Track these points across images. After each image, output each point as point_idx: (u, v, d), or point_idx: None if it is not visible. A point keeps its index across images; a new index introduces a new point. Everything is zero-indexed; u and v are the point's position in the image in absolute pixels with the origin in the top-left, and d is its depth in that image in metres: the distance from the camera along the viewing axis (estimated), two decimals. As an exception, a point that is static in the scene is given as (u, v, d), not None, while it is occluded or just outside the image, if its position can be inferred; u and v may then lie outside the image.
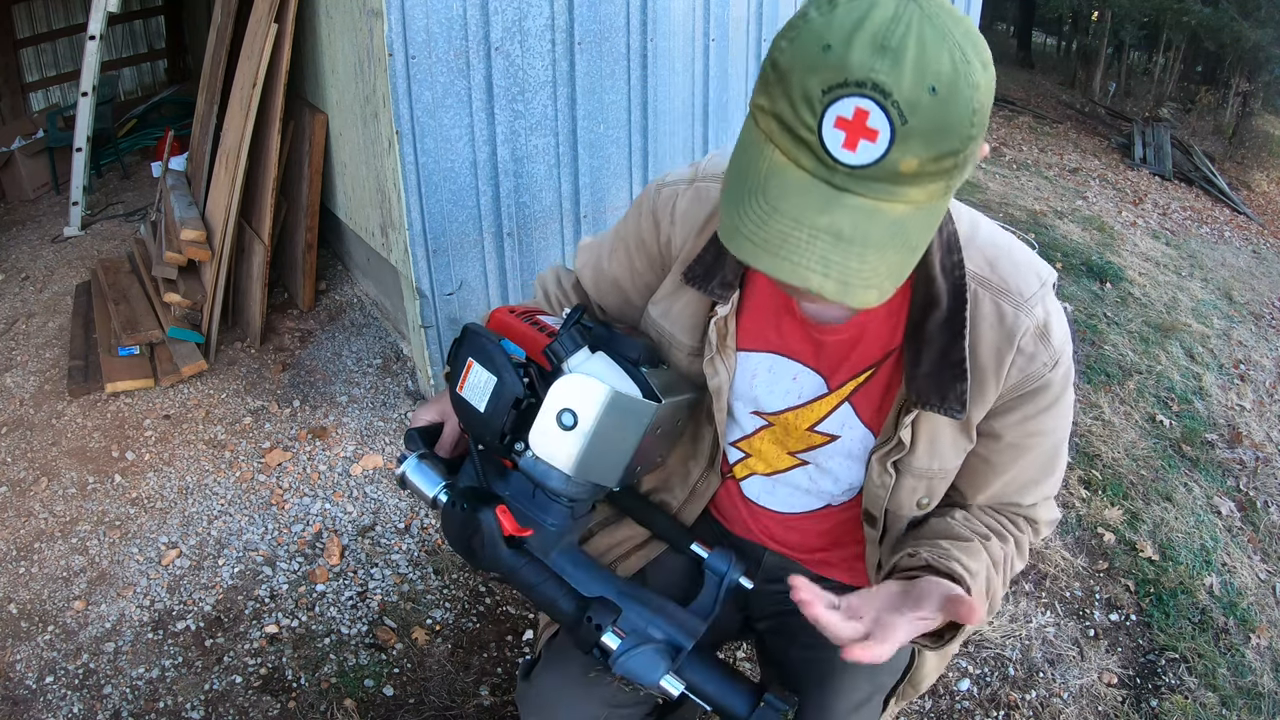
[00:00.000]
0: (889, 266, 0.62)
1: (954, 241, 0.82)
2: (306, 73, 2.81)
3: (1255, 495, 2.75)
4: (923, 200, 0.62)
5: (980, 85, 0.59)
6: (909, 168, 0.59)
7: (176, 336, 2.77)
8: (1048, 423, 0.87)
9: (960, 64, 0.58)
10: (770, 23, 2.74)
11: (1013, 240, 0.87)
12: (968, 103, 0.58)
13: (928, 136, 0.58)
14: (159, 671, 1.77)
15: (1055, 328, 0.83)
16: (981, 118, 0.60)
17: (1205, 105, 12.90)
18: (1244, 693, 1.95)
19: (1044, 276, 0.85)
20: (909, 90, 0.57)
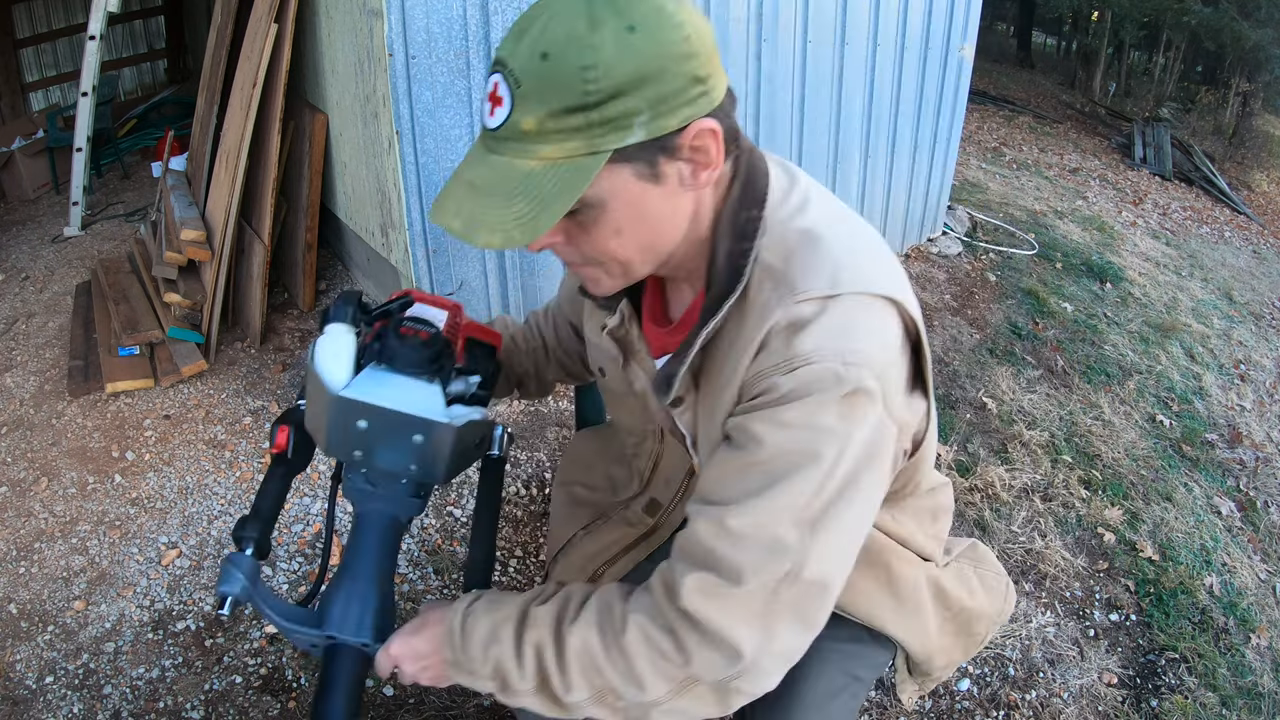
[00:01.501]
0: (515, 215, 0.68)
1: (749, 229, 0.77)
2: (306, 73, 2.81)
3: (1255, 495, 2.76)
4: (559, 157, 0.67)
5: (602, 44, 0.64)
6: (530, 126, 0.67)
7: (176, 336, 2.77)
8: (757, 428, 0.72)
9: (582, 30, 0.64)
10: (770, 22, 2.74)
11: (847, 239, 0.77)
12: (577, 61, 0.64)
13: (540, 96, 0.65)
14: (159, 671, 1.77)
15: (814, 333, 0.70)
16: (605, 73, 0.64)
17: (1205, 105, 12.90)
18: (1244, 693, 1.95)
19: (844, 283, 0.72)
20: (523, 59, 0.66)
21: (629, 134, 0.67)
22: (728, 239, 0.78)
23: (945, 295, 3.63)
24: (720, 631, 0.72)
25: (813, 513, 0.71)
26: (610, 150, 0.67)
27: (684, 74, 0.67)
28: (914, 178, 3.72)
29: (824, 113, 3.11)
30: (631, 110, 0.66)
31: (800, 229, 0.77)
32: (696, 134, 0.70)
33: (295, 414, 0.99)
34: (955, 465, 2.53)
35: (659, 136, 0.68)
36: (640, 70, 0.65)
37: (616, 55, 0.64)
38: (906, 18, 3.24)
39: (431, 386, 0.85)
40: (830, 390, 0.70)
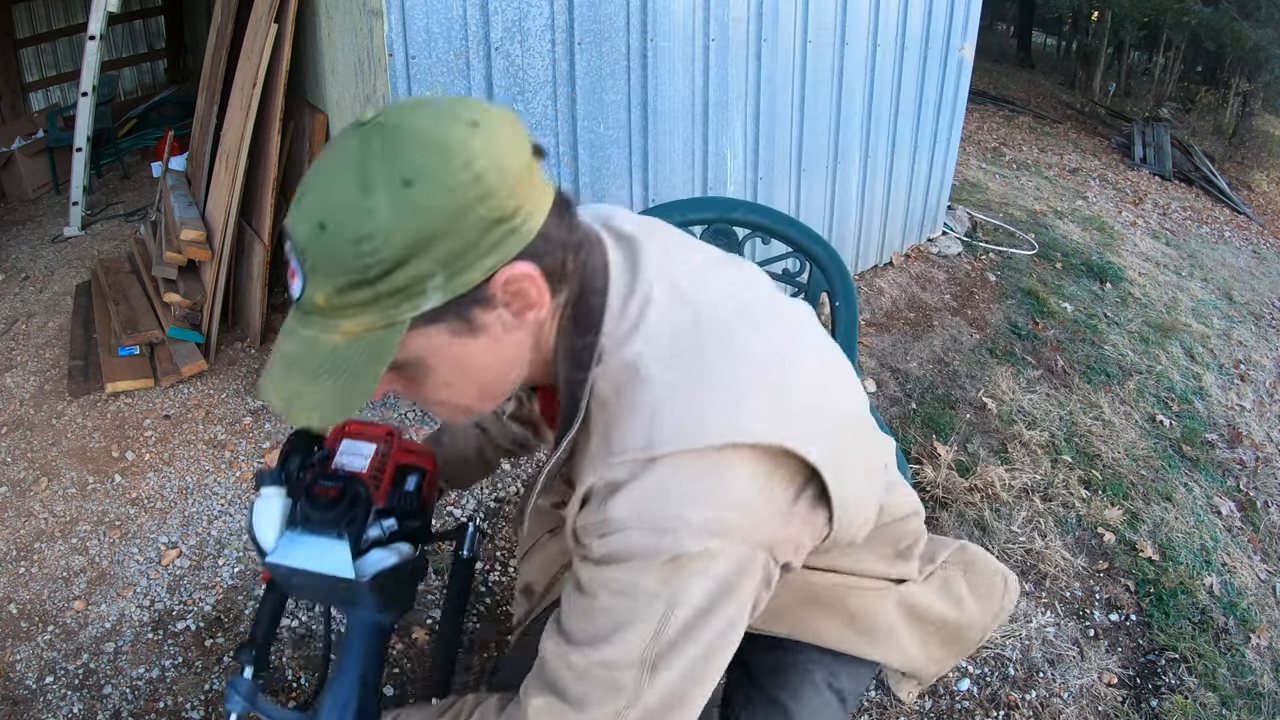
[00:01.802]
0: (328, 393, 0.64)
1: (584, 357, 0.71)
2: (306, 73, 2.81)
3: (1255, 495, 2.75)
4: (359, 332, 0.63)
5: (377, 209, 0.58)
6: (322, 302, 0.62)
7: (176, 336, 2.77)
8: (590, 580, 0.70)
9: (355, 196, 0.59)
10: (770, 23, 2.74)
11: (671, 371, 0.68)
12: (351, 232, 0.59)
13: (324, 271, 0.61)
14: (159, 671, 1.77)
15: (627, 501, 0.67)
16: (383, 243, 0.58)
17: (1205, 105, 12.90)
18: (1244, 693, 1.95)
19: (657, 444, 0.66)
20: (304, 231, 0.61)
21: (424, 299, 0.61)
22: (565, 366, 0.72)
23: (945, 295, 3.63)
24: None
25: (651, 657, 0.70)
26: (408, 319, 0.62)
27: (479, 220, 0.60)
28: (914, 178, 3.72)
29: (824, 113, 3.11)
30: (422, 275, 0.60)
31: (626, 363, 0.69)
32: (508, 281, 0.64)
33: None
34: (955, 465, 2.53)
35: (462, 294, 0.62)
36: (424, 229, 0.59)
37: (394, 219, 0.58)
38: (906, 18, 3.24)
39: (340, 543, 0.92)
40: (648, 558, 0.66)
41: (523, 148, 0.64)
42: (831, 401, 0.75)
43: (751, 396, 0.68)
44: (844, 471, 0.73)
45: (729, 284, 0.77)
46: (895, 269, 3.76)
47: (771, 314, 0.76)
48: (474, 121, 0.61)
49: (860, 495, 0.79)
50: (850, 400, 0.80)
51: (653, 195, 2.66)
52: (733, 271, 0.81)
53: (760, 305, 0.76)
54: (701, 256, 0.82)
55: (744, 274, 0.82)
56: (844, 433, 0.75)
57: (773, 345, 0.73)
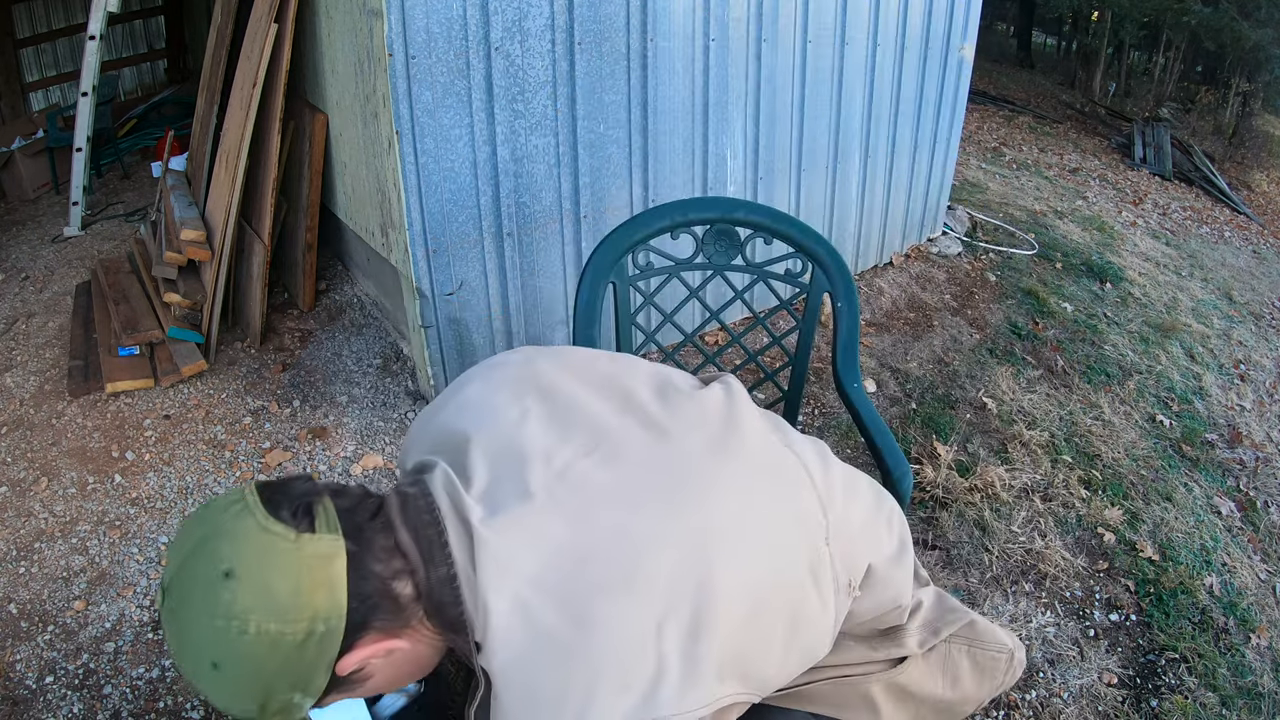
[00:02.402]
0: None
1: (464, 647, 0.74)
2: (306, 73, 2.81)
3: (1255, 495, 2.75)
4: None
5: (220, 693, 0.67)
6: None
7: (176, 336, 2.77)
8: None
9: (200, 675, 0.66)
10: (770, 22, 2.74)
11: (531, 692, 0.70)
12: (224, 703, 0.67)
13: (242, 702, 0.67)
14: (159, 671, 1.77)
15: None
16: (242, 709, 0.67)
17: (1205, 105, 12.90)
18: (1244, 693, 1.95)
19: None
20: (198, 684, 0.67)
21: (301, 709, 0.68)
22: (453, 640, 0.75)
23: (945, 295, 3.63)
24: None
25: None
26: (307, 708, 0.69)
27: (288, 653, 0.65)
28: (914, 177, 3.72)
29: (824, 113, 3.11)
30: (285, 701, 0.67)
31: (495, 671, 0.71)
32: (350, 665, 0.69)
33: None
34: (955, 465, 2.53)
35: (323, 691, 0.68)
36: (257, 689, 0.66)
37: (230, 693, 0.66)
38: (906, 18, 3.24)
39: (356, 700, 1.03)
40: None
41: (284, 549, 0.65)
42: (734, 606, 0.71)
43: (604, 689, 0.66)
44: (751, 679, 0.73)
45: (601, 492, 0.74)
46: (895, 269, 3.76)
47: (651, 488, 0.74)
48: (226, 572, 0.64)
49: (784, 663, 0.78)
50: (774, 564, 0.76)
51: (652, 195, 2.67)
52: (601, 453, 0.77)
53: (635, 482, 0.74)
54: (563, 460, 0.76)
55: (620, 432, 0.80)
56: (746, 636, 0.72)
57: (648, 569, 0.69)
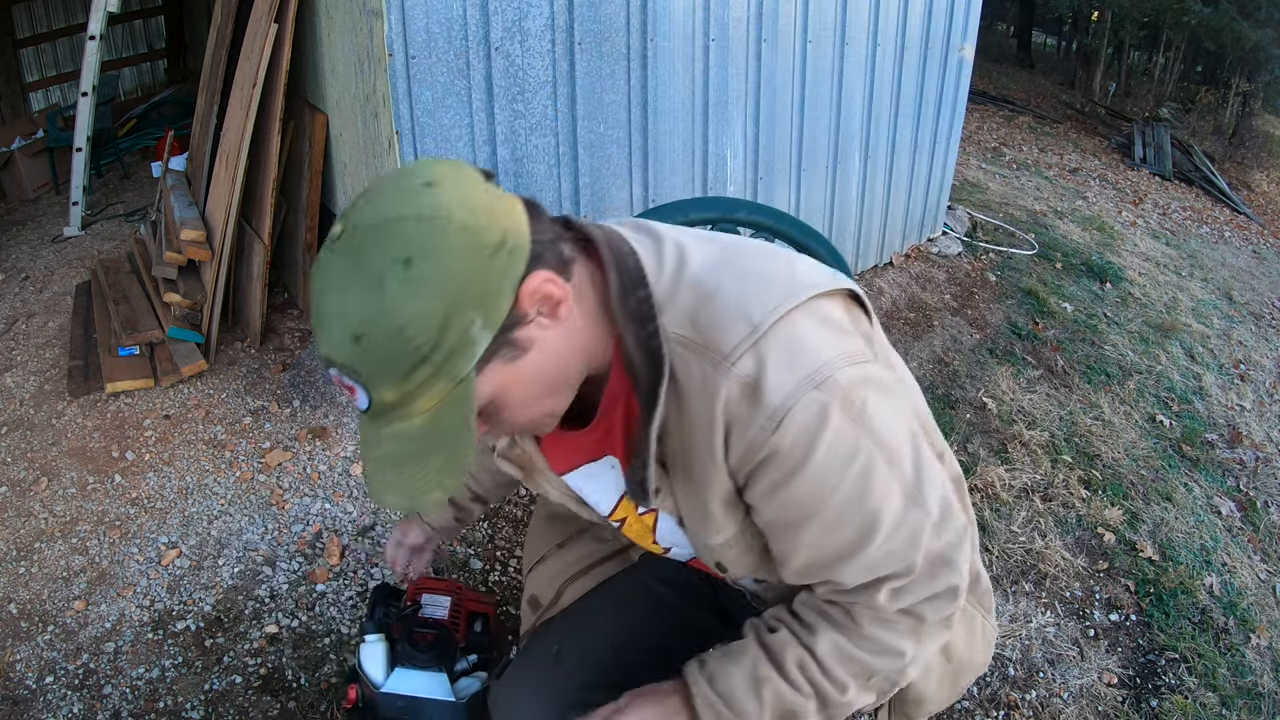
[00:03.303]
0: (439, 466, 0.68)
1: (645, 309, 0.73)
2: (306, 73, 2.81)
3: (1255, 495, 2.75)
4: (434, 403, 0.66)
5: (400, 299, 0.61)
6: (392, 398, 0.65)
7: (176, 336, 2.77)
8: (802, 490, 0.72)
9: (370, 297, 0.62)
10: (770, 22, 2.74)
11: (731, 273, 0.75)
12: (389, 328, 0.61)
13: (382, 372, 0.64)
14: (159, 671, 1.77)
15: (771, 379, 0.69)
16: (423, 323, 0.62)
17: (1205, 105, 12.90)
18: (1244, 693, 1.95)
19: (756, 316, 0.71)
20: (344, 352, 0.63)
21: (475, 346, 0.65)
22: (629, 328, 0.73)
23: (945, 295, 3.63)
24: (938, 596, 0.79)
25: (910, 489, 0.75)
26: (471, 370, 0.66)
27: (480, 258, 0.63)
28: (914, 178, 3.72)
29: (824, 113, 3.11)
30: (465, 326, 0.64)
31: (690, 287, 0.74)
32: (531, 294, 0.67)
33: (356, 675, 1.32)
34: (955, 465, 2.53)
35: (500, 325, 0.66)
36: (445, 292, 0.62)
37: (416, 299, 0.61)
38: (906, 18, 3.24)
39: (440, 675, 1.20)
40: (825, 418, 0.70)
41: (477, 178, 0.67)
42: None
43: (797, 264, 0.78)
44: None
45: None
46: (895, 269, 3.76)
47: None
48: (428, 182, 0.64)
49: None
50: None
51: (653, 195, 2.66)
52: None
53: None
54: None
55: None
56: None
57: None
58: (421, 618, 1.34)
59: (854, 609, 0.81)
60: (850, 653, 0.81)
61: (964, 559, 0.81)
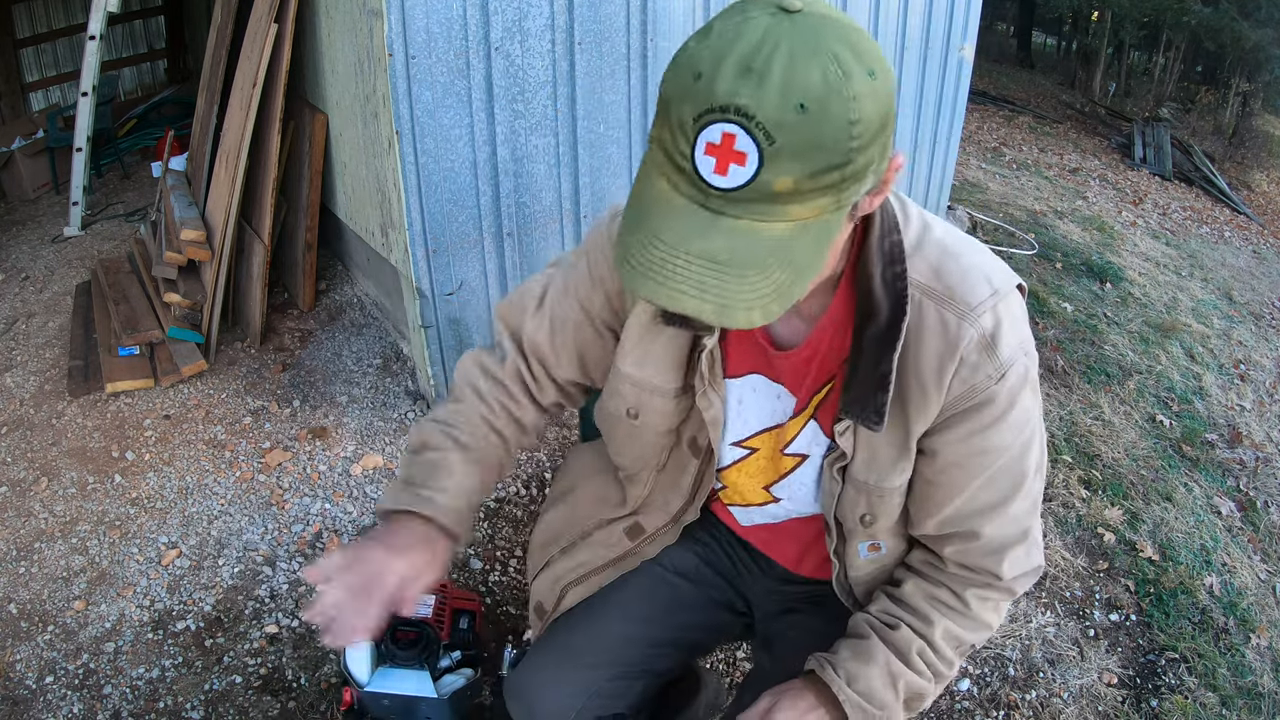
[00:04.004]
0: (773, 286, 0.62)
1: (896, 252, 0.80)
2: (306, 73, 2.81)
3: (1255, 495, 2.75)
4: (808, 217, 0.62)
5: (860, 95, 0.58)
6: (784, 186, 0.59)
7: (176, 336, 2.77)
8: (995, 439, 0.83)
9: (834, 77, 0.57)
10: (770, 23, 2.74)
11: (969, 245, 0.84)
12: (843, 115, 0.58)
13: (800, 154, 0.58)
14: (159, 671, 1.77)
15: (1005, 338, 0.79)
16: (866, 128, 0.59)
17: (1205, 105, 12.90)
18: (1244, 693, 1.95)
19: (997, 283, 0.81)
20: (774, 110, 0.57)
21: (864, 183, 0.63)
22: (878, 265, 0.79)
23: (945, 295, 3.63)
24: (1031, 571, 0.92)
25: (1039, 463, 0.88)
26: (854, 202, 0.64)
27: (891, 113, 0.63)
28: (914, 178, 3.72)
29: (824, 113, 3.11)
30: (871, 159, 0.62)
31: (936, 244, 0.82)
32: (894, 169, 0.67)
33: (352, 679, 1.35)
34: (955, 465, 2.53)
35: (880, 178, 0.65)
36: (882, 118, 0.61)
37: (872, 106, 0.59)
38: (906, 18, 3.24)
39: (423, 672, 1.21)
40: (1027, 384, 0.82)
41: None
42: None
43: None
44: None
45: None
46: (895, 269, 3.76)
47: None
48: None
49: None
50: None
51: (653, 195, 2.66)
52: None
53: None
54: None
55: None
56: None
57: None
58: (405, 616, 1.33)
59: (966, 590, 0.91)
60: (957, 634, 0.92)
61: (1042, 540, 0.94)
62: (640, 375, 0.94)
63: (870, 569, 0.98)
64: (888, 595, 0.96)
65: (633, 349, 0.94)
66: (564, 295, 0.99)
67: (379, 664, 1.24)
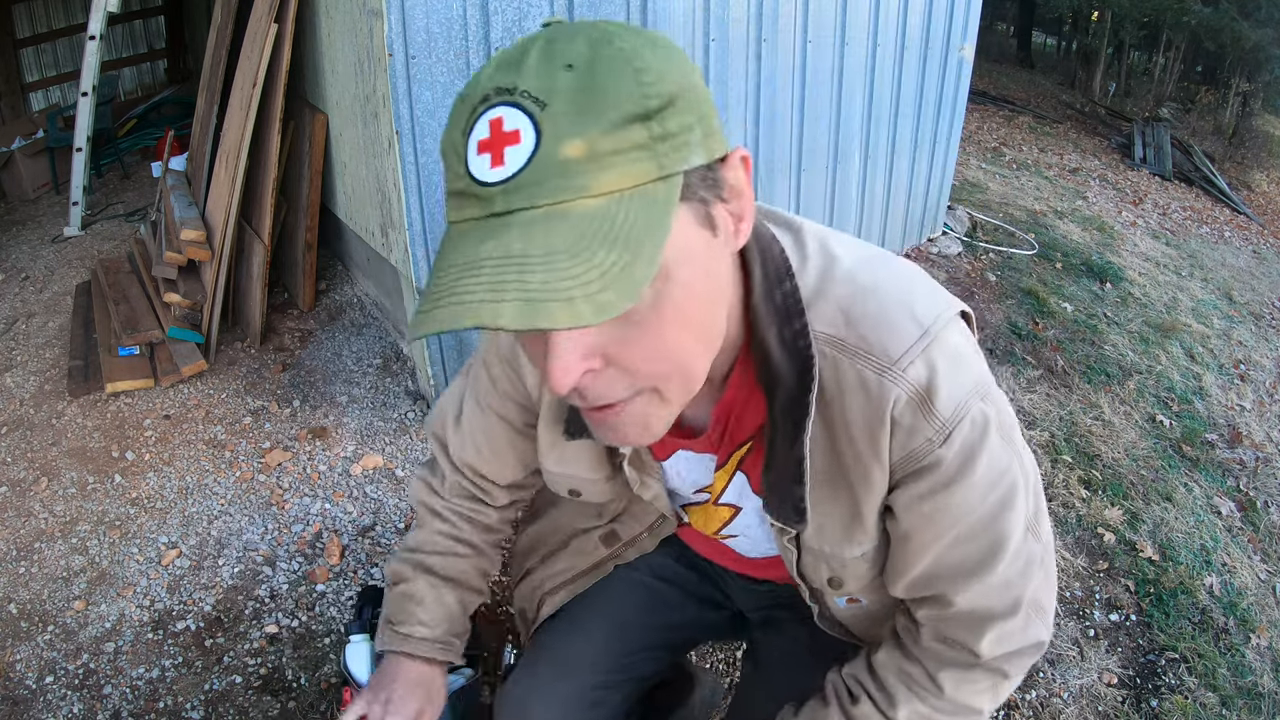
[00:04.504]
0: (599, 271, 0.47)
1: (792, 304, 0.67)
2: (306, 73, 2.81)
3: (1255, 495, 2.75)
4: (624, 186, 0.49)
5: (637, 48, 0.51)
6: (576, 151, 0.48)
7: (176, 336, 2.77)
8: (956, 500, 0.70)
9: (599, 43, 0.50)
10: (770, 22, 2.74)
11: (888, 273, 0.69)
12: (623, 63, 0.49)
13: (583, 110, 0.48)
14: (159, 671, 1.77)
15: (943, 389, 0.65)
16: (657, 77, 0.50)
17: (1205, 105, 12.89)
18: (1244, 693, 1.95)
19: (925, 319, 0.66)
20: (538, 78, 0.49)
21: (690, 153, 0.52)
22: (772, 324, 0.66)
23: (945, 295, 3.63)
24: (1027, 649, 0.80)
25: (1030, 523, 0.76)
26: (681, 173, 0.52)
27: (705, 94, 0.55)
28: (914, 178, 3.72)
29: (824, 113, 3.11)
30: (687, 125, 0.52)
31: (843, 281, 0.68)
32: (732, 164, 0.56)
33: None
34: (955, 465, 2.53)
35: (711, 162, 0.54)
36: (680, 80, 0.52)
37: (655, 59, 0.51)
38: (906, 18, 3.24)
39: None
40: (986, 433, 0.68)
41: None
42: None
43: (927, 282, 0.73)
44: None
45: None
46: (895, 269, 3.76)
47: None
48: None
49: None
50: None
51: (653, 195, 2.66)
52: None
53: None
54: None
55: None
56: None
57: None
58: None
59: (941, 671, 0.80)
60: (931, 716, 0.82)
61: (1053, 605, 0.81)
62: (565, 471, 0.91)
63: (854, 613, 0.91)
64: (866, 658, 0.88)
65: (547, 454, 0.90)
66: (479, 411, 0.95)
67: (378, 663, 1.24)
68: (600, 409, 0.59)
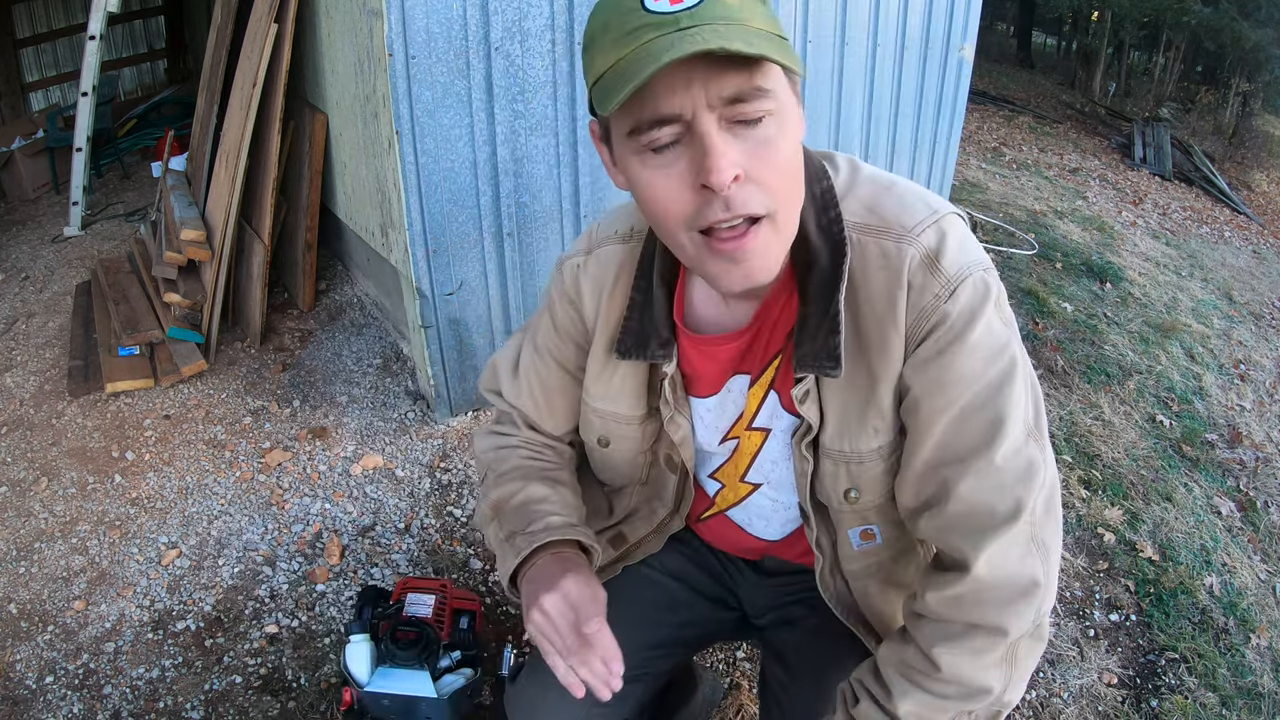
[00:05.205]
0: (776, 49, 0.65)
1: (829, 197, 0.80)
2: (306, 73, 2.81)
3: (1255, 495, 2.75)
4: (767, 28, 0.67)
5: None
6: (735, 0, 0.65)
7: (176, 336, 2.78)
8: (958, 366, 0.75)
9: None
10: (770, 23, 2.74)
11: (903, 179, 0.84)
12: None
13: None
14: (159, 671, 1.77)
15: (950, 253, 0.75)
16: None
17: (1205, 105, 12.89)
18: (1244, 693, 1.95)
19: (935, 205, 0.79)
20: None
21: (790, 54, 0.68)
22: (811, 213, 0.79)
23: (945, 295, 3.63)
24: (1022, 591, 0.76)
25: (1030, 424, 0.78)
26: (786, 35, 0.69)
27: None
28: (914, 178, 3.72)
29: (824, 113, 3.11)
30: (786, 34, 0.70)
31: (867, 182, 0.82)
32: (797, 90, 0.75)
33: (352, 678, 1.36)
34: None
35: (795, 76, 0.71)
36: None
37: None
38: (906, 18, 3.24)
39: (422, 672, 1.24)
40: (988, 302, 0.75)
41: None
42: None
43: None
44: None
45: None
46: (895, 269, 3.76)
47: None
48: None
49: None
50: None
51: (653, 195, 2.66)
52: None
53: None
54: None
55: None
56: None
57: None
58: (405, 616, 1.37)
59: (934, 646, 0.78)
60: (937, 704, 0.80)
61: (1056, 556, 0.79)
62: (606, 408, 0.97)
63: (865, 563, 0.93)
64: (870, 660, 0.89)
65: (594, 383, 0.97)
66: (537, 356, 1.02)
67: (379, 664, 1.24)
68: (731, 240, 0.70)
